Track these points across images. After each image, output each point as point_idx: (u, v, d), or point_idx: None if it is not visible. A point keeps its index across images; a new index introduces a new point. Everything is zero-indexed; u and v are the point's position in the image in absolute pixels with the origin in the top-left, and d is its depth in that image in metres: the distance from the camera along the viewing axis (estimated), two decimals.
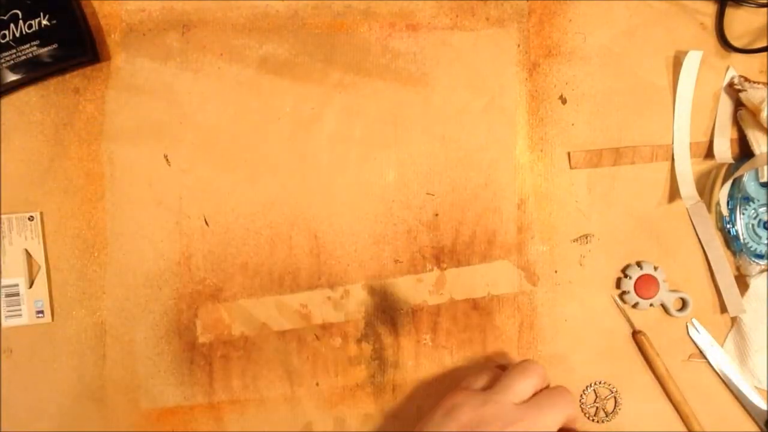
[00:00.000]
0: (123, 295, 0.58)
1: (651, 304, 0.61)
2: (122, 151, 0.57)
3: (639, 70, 0.62)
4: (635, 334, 0.62)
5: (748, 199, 0.62)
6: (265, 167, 0.59)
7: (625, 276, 0.61)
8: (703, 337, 0.63)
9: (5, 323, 0.57)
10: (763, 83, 0.60)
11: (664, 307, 0.62)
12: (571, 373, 0.62)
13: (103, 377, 0.58)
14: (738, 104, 0.62)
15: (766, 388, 0.63)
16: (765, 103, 0.58)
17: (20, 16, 0.54)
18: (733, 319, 0.63)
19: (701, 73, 0.62)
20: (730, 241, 0.62)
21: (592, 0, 0.62)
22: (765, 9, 0.62)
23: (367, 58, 0.60)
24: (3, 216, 0.56)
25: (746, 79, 0.61)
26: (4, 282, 0.57)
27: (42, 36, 0.54)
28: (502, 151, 0.61)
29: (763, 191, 0.62)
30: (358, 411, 0.61)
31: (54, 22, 0.54)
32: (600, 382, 0.62)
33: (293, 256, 0.59)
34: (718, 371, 0.63)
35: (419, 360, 0.61)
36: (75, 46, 0.55)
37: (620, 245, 0.62)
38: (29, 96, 0.57)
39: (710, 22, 0.63)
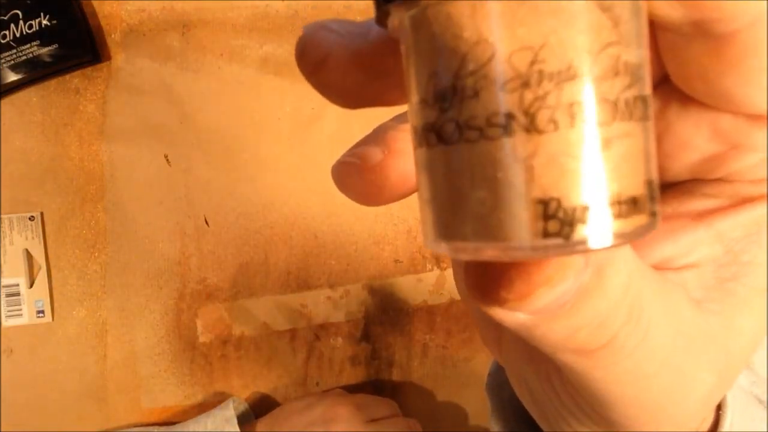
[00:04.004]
0: (123, 295, 0.58)
1: None
2: (122, 151, 0.58)
3: None
4: None
5: None
6: (265, 167, 0.59)
7: None
8: None
9: (5, 323, 0.57)
10: None
11: None
12: None
13: (104, 377, 0.58)
14: None
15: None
16: None
17: (21, 16, 0.54)
18: None
19: None
20: None
21: None
22: None
23: None
24: (3, 216, 0.56)
25: None
26: (5, 282, 0.57)
27: (42, 36, 0.54)
28: None
29: None
30: None
31: (54, 22, 0.54)
32: None
33: (293, 256, 0.59)
34: None
35: (419, 360, 0.61)
36: (75, 47, 0.55)
37: None
38: (29, 96, 0.57)
39: None
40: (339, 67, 0.13)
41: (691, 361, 0.13)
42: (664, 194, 0.15)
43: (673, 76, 0.13)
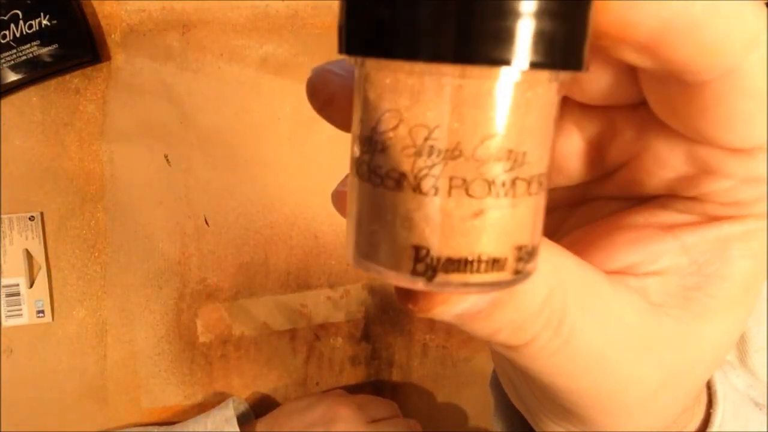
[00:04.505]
0: (123, 295, 0.58)
1: None
2: (122, 151, 0.58)
3: None
4: None
5: None
6: (265, 167, 0.59)
7: None
8: None
9: (6, 323, 0.57)
10: None
11: None
12: None
13: (104, 377, 0.58)
14: None
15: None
16: None
17: (21, 16, 0.54)
18: None
19: None
20: None
21: None
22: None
23: None
24: (4, 216, 0.56)
25: None
26: (5, 282, 0.57)
27: (42, 36, 0.54)
28: None
29: None
30: None
31: (54, 22, 0.54)
32: None
33: (293, 256, 0.59)
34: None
35: (419, 360, 0.61)
36: (75, 47, 0.55)
37: None
38: (29, 96, 0.57)
39: None
40: (344, 106, 0.15)
41: (632, 360, 0.14)
42: (640, 206, 0.15)
43: (651, 106, 0.14)
